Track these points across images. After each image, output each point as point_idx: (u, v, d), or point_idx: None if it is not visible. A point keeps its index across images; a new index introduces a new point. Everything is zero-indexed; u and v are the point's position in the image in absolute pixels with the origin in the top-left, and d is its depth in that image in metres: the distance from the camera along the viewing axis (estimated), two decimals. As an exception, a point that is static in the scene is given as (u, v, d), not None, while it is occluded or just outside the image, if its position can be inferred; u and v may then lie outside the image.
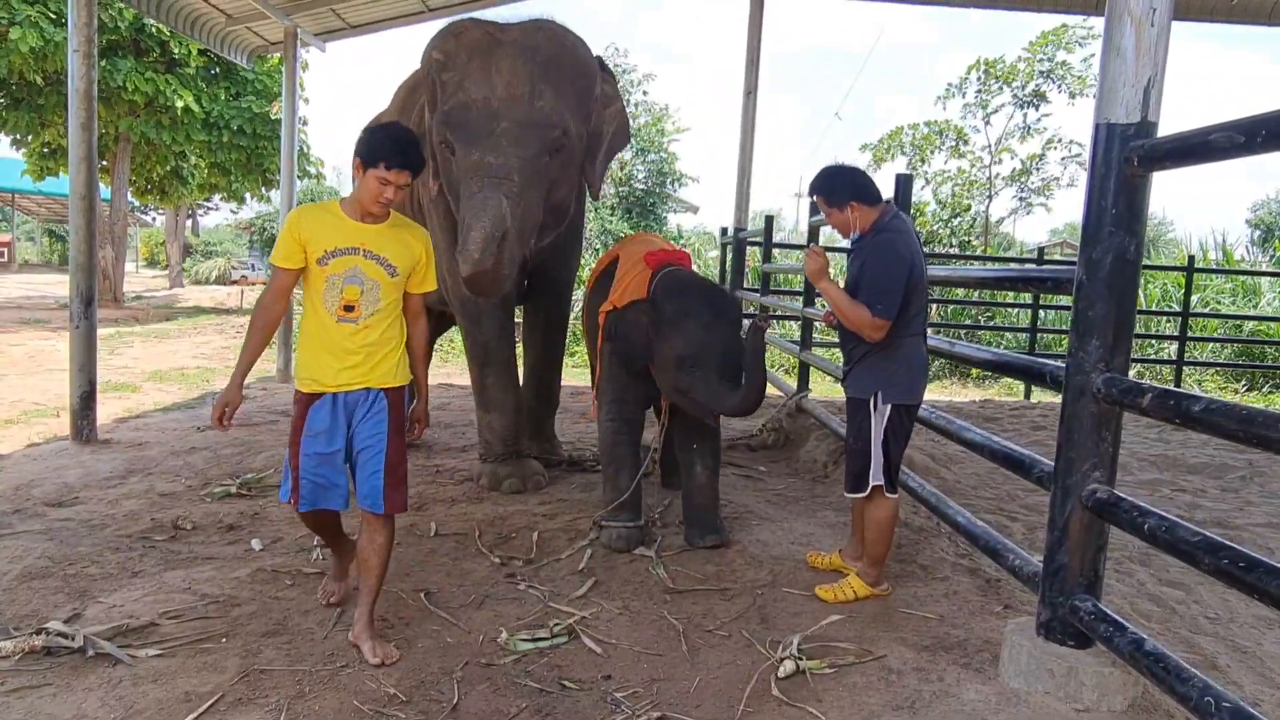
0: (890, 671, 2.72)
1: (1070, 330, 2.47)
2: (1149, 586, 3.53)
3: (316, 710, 2.48)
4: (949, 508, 3.48)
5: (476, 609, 3.19)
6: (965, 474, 5.26)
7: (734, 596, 3.35)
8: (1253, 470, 5.54)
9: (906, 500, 4.16)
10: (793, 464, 5.46)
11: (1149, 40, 2.28)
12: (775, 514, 4.36)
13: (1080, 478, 2.42)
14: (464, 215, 3.64)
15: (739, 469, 5.23)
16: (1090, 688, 2.40)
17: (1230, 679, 2.77)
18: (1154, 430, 7.17)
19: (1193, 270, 10.31)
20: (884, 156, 17.88)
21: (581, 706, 2.56)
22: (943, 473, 5.14)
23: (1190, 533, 2.01)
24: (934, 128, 17.40)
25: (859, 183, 3.19)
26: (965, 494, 4.82)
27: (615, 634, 3.01)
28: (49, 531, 3.85)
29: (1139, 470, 5.60)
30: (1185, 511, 4.54)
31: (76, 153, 5.44)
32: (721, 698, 2.61)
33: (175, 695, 2.51)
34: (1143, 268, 9.93)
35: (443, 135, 3.89)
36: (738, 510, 4.35)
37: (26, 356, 10.27)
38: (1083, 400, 2.41)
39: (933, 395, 10.04)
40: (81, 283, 5.54)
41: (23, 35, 13.46)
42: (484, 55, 3.89)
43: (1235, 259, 16.18)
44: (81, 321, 5.55)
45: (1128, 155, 2.30)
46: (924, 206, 16.86)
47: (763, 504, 4.54)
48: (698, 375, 3.52)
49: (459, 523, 4.08)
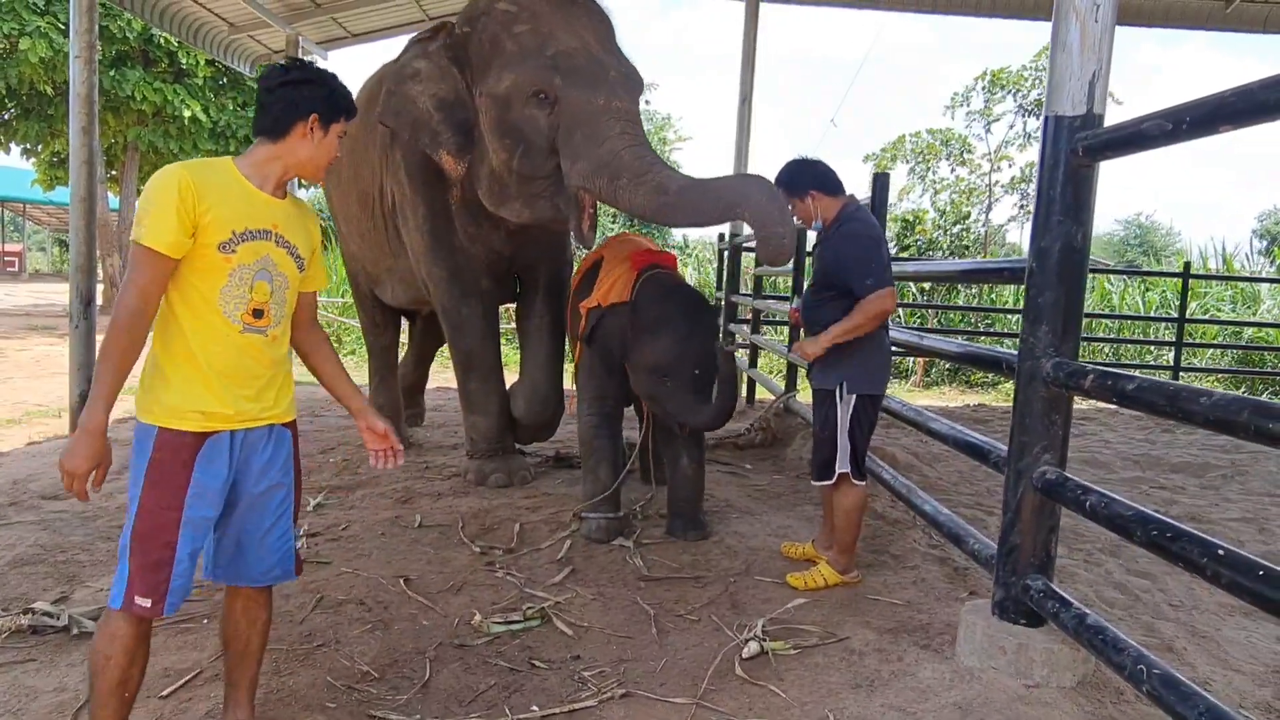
0: (852, 653, 2.79)
1: (1022, 318, 2.55)
2: (1116, 575, 3.59)
3: (291, 686, 2.56)
4: (918, 497, 3.55)
5: (454, 594, 3.27)
6: (948, 471, 5.32)
7: (707, 584, 3.41)
8: (1235, 469, 5.59)
9: (883, 494, 4.24)
10: (778, 462, 5.52)
11: (1093, 35, 2.36)
12: (755, 508, 4.43)
13: (1032, 460, 2.49)
14: (609, 157, 3.47)
15: (725, 466, 5.30)
16: (1040, 664, 2.46)
17: (1185, 660, 2.82)
18: (1142, 431, 7.22)
19: (1188, 276, 10.36)
20: (887, 165, 17.98)
21: (549, 684, 2.63)
22: (925, 470, 5.20)
23: (1125, 507, 2.08)
24: (937, 136, 17.50)
25: (819, 172, 3.31)
26: (945, 490, 4.87)
27: (588, 618, 3.08)
28: (43, 522, 3.94)
29: (1122, 469, 5.65)
30: (1162, 506, 4.59)
31: (77, 156, 5.56)
32: (686, 677, 2.67)
33: (155, 671, 2.59)
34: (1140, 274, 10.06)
35: (543, 82, 3.61)
36: (719, 504, 4.42)
37: (32, 361, 10.41)
38: (1034, 385, 2.48)
39: (928, 400, 10.09)
40: (81, 284, 5.65)
41: (33, 45, 13.68)
42: (563, 9, 3.76)
43: (1236, 266, 16.22)
44: (81, 321, 5.65)
45: (1074, 146, 2.38)
46: (924, 214, 16.94)
47: (744, 499, 4.61)
48: (670, 386, 3.60)
49: (444, 515, 4.16)
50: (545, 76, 3.59)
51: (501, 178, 3.88)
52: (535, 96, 3.62)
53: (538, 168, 3.73)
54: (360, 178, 4.87)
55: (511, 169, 3.78)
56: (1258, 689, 2.71)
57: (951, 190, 17.26)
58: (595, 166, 3.49)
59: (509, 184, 3.87)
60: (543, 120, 3.63)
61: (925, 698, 2.47)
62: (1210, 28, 10.41)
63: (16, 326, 14.24)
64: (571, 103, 3.56)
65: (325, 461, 5.22)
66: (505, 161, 3.78)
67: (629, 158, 3.46)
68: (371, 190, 4.79)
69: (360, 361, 11.88)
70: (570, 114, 3.57)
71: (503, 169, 3.83)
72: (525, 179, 3.79)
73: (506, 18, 3.74)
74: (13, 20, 13.72)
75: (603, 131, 3.50)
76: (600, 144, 3.49)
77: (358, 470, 5.00)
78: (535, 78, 3.61)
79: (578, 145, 3.56)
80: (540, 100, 3.62)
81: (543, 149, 3.69)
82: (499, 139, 3.76)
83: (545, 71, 3.59)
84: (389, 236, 4.80)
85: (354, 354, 12.38)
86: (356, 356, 12.26)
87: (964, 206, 17.09)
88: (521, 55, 3.65)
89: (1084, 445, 6.50)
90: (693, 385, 3.58)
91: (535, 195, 3.83)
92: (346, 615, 3.05)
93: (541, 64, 3.60)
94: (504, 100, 3.71)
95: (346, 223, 5.32)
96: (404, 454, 2.41)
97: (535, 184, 3.79)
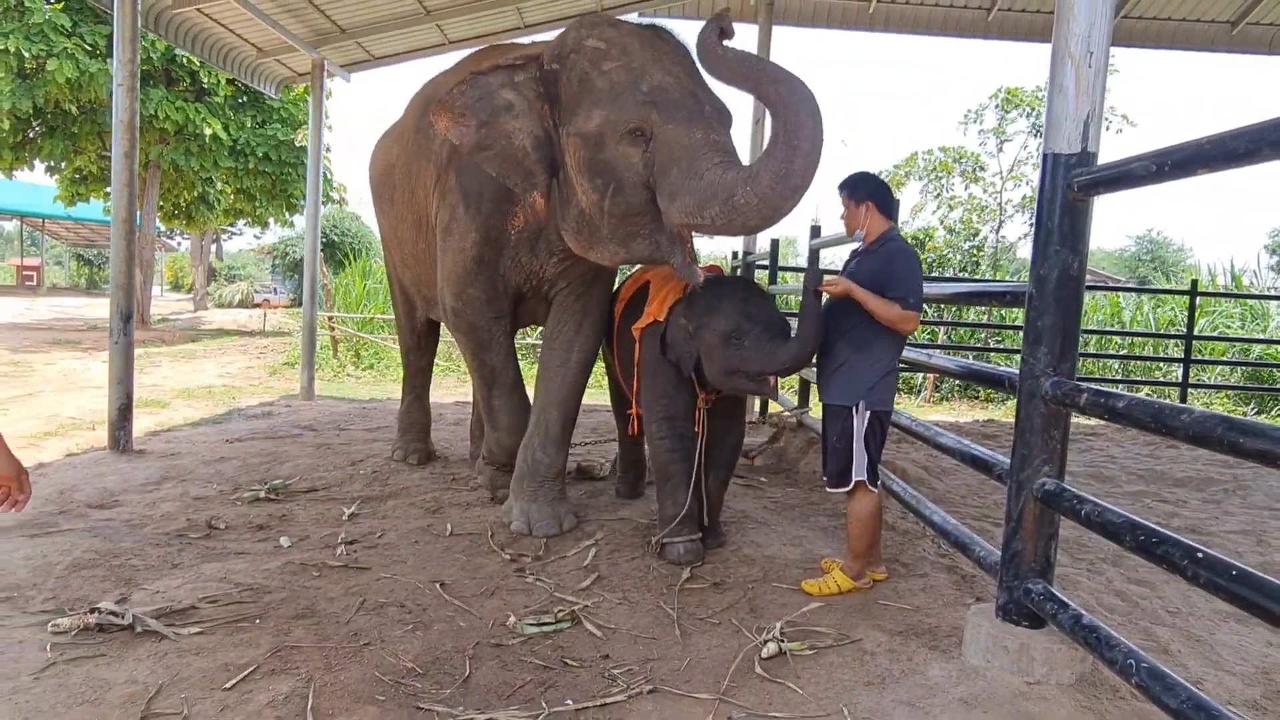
0: (864, 653, 2.97)
1: (1023, 339, 2.74)
2: (1116, 583, 3.76)
3: (342, 680, 2.75)
4: (926, 508, 3.73)
5: (488, 598, 3.46)
6: (956, 485, 5.49)
7: (726, 589, 3.61)
8: (1237, 483, 5.75)
9: (894, 506, 4.42)
10: (792, 475, 5.72)
11: (1087, 79, 2.56)
12: (771, 519, 4.62)
13: (1032, 472, 2.68)
14: (716, 187, 3.32)
15: (741, 479, 5.48)
16: (1040, 662, 2.65)
17: (1179, 662, 2.99)
18: (1148, 447, 7.38)
19: (1195, 294, 10.52)
20: (901, 181, 18.20)
21: (581, 681, 2.82)
22: (934, 484, 5.38)
23: (1116, 515, 2.27)
24: (950, 154, 17.72)
25: (879, 187, 3.56)
26: (954, 503, 5.05)
27: (615, 620, 3.27)
28: (93, 530, 4.16)
29: (1127, 483, 5.82)
30: (1163, 519, 4.76)
31: (119, 179, 5.81)
32: (709, 674, 2.86)
33: (215, 665, 2.80)
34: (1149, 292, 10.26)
35: (639, 120, 3.50)
36: (736, 515, 4.60)
37: (60, 375, 10.65)
38: (1034, 402, 2.67)
39: (939, 415, 10.27)
40: (121, 301, 5.89)
41: (60, 67, 14.00)
42: (652, 45, 3.67)
43: (1245, 284, 16.38)
44: (120, 338, 5.88)
45: (1069, 182, 2.57)
46: (933, 231, 17.15)
47: (760, 510, 4.80)
48: (746, 344, 3.61)
49: (473, 524, 4.37)
50: (641, 113, 3.49)
51: (592, 219, 3.74)
52: (630, 134, 3.52)
53: (631, 206, 3.61)
54: (414, 201, 4.87)
55: (603, 209, 3.65)
56: (1247, 688, 2.89)
57: (964, 207, 17.46)
58: (703, 198, 3.35)
59: (600, 225, 3.73)
60: (637, 157, 3.53)
61: (933, 694, 2.65)
62: (1218, 49, 10.64)
63: (41, 341, 14.51)
64: (669, 138, 3.46)
65: (355, 473, 5.43)
66: (596, 202, 3.66)
67: (733, 178, 3.32)
68: (424, 212, 4.78)
69: (378, 376, 12.15)
70: (667, 149, 3.46)
71: (593, 209, 3.69)
72: (618, 218, 3.66)
73: (596, 54, 3.65)
74: (41, 42, 14.06)
75: (702, 165, 3.38)
76: (701, 177, 3.36)
77: (387, 481, 5.21)
78: (630, 114, 3.51)
79: (676, 181, 3.43)
80: (635, 137, 3.52)
81: (636, 186, 3.57)
82: (589, 179, 3.65)
83: (641, 108, 3.50)
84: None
85: (372, 368, 12.62)
86: (375, 371, 12.51)
87: (975, 224, 17.28)
88: (614, 92, 3.56)
89: (1091, 460, 6.67)
90: (768, 334, 3.60)
91: (631, 235, 3.70)
92: (388, 617, 3.24)
93: (637, 100, 3.51)
94: (595, 138, 3.60)
95: (399, 246, 5.34)
96: (25, 503, 2.11)
97: (630, 223, 3.66)
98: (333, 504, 4.71)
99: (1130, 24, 10.29)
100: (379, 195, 5.49)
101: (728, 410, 4.10)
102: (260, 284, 30.61)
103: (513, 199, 4.09)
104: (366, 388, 10.99)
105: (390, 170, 5.19)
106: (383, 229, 5.62)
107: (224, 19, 7.94)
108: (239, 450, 6.07)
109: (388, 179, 5.25)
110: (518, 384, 4.70)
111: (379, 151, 5.55)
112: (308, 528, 4.30)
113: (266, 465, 5.62)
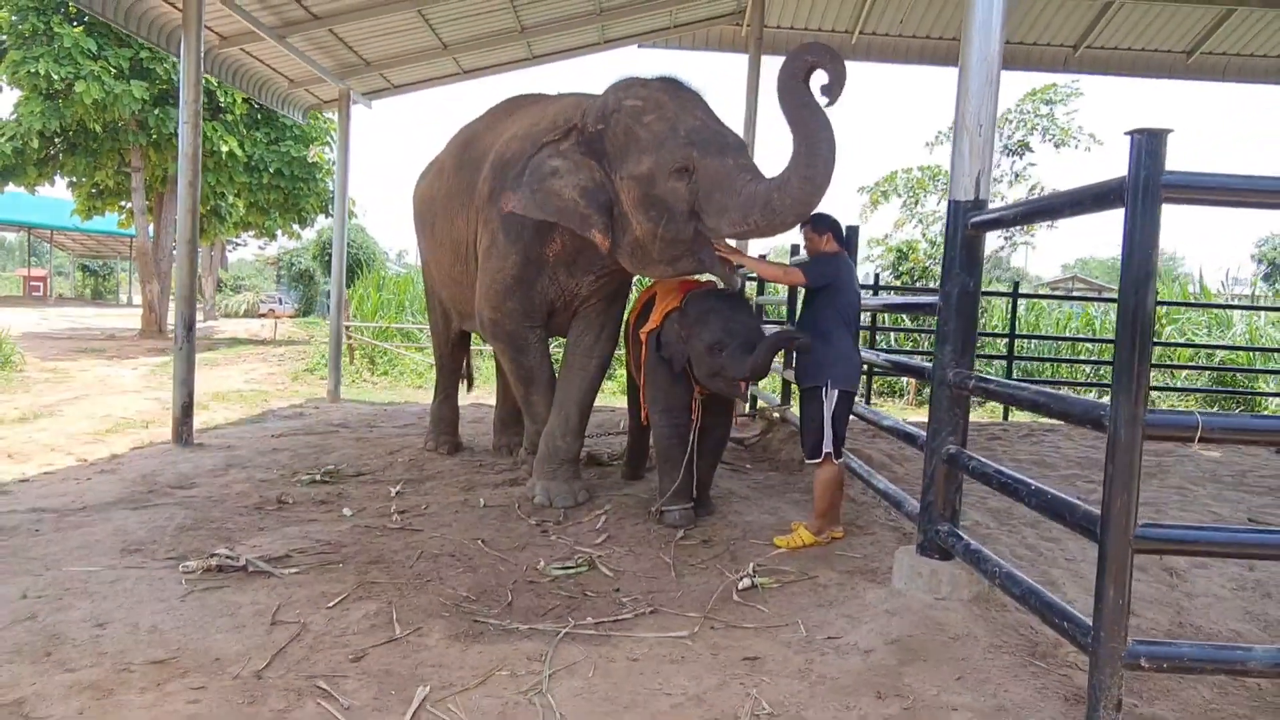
0: (819, 585, 3.82)
1: (935, 340, 3.59)
2: (1029, 539, 4.59)
3: (415, 603, 3.59)
4: (876, 479, 4.60)
5: (520, 551, 4.30)
6: (914, 469, 6.31)
7: (713, 545, 4.45)
8: (1160, 469, 6.59)
9: (855, 483, 5.26)
10: (773, 461, 6.57)
11: (979, 146, 3.42)
12: (753, 495, 5.47)
13: (940, 441, 3.52)
14: (752, 196, 4.07)
15: (728, 464, 6.32)
16: (946, 584, 3.50)
17: (1059, 590, 3.82)
18: (1099, 441, 8.22)
19: (1160, 304, 11.40)
20: (879, 199, 19.14)
21: (598, 605, 3.65)
22: (895, 468, 6.20)
23: (987, 465, 3.14)
24: (927, 172, 18.68)
25: (836, 226, 4.50)
26: (912, 484, 5.88)
27: (624, 565, 4.12)
28: (183, 504, 4.98)
29: (1064, 468, 6.65)
30: (1084, 495, 5.60)
31: (184, 205, 6.63)
32: (697, 601, 3.69)
33: (316, 593, 3.63)
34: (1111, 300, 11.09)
35: (683, 159, 4.22)
36: (723, 493, 5.44)
37: (98, 380, 11.47)
38: (942, 388, 3.51)
39: (920, 416, 11.12)
40: (184, 311, 6.72)
41: (87, 88, 14.83)
42: (679, 97, 4.44)
43: (1212, 293, 17.35)
44: (184, 344, 6.71)
45: (966, 222, 3.43)
46: (916, 245, 18.06)
47: (744, 489, 5.65)
48: (724, 356, 4.42)
49: (502, 499, 5.21)
50: (684, 153, 4.21)
51: (645, 245, 4.48)
52: (677, 171, 4.23)
53: (680, 230, 4.33)
54: (454, 230, 5.73)
55: (657, 236, 4.37)
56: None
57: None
58: (746, 209, 4.10)
59: (652, 249, 4.46)
60: (684, 190, 4.24)
61: (866, 609, 3.50)
62: (1175, 77, 11.49)
63: (67, 350, 15.28)
64: (708, 169, 4.19)
65: (394, 461, 6.28)
66: (650, 231, 4.38)
67: (765, 188, 4.07)
68: (465, 239, 5.62)
69: (394, 381, 12.99)
70: (708, 178, 4.19)
71: (648, 237, 4.43)
72: (669, 243, 4.39)
73: (635, 110, 4.39)
74: (69, 65, 14.89)
75: (738, 183, 4.13)
76: (740, 193, 4.12)
77: (424, 467, 6.06)
78: (676, 155, 4.23)
79: (720, 201, 4.18)
80: (681, 173, 4.23)
81: (684, 214, 4.29)
82: (644, 212, 4.37)
83: (684, 149, 4.22)
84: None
85: (386, 374, 13.45)
86: (390, 376, 13.34)
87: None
88: (657, 140, 4.29)
89: (1039, 451, 7.51)
90: (744, 349, 4.39)
91: (679, 255, 4.46)
92: (443, 563, 4.08)
93: (678, 143, 4.24)
94: (647, 179, 4.31)
95: (438, 268, 6.22)
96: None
97: (678, 245, 4.40)
98: (380, 485, 5.54)
99: (1093, 53, 11.16)
100: (421, 223, 6.38)
101: (718, 405, 4.94)
102: (265, 294, 31.44)
103: (552, 228, 4.86)
104: (384, 392, 11.83)
105: (431, 202, 6.07)
106: (423, 252, 6.53)
107: (262, 56, 8.81)
108: (286, 444, 6.90)
109: (429, 210, 6.14)
110: (553, 382, 5.44)
111: (420, 185, 6.44)
112: (363, 502, 5.13)
113: (315, 455, 6.45)
